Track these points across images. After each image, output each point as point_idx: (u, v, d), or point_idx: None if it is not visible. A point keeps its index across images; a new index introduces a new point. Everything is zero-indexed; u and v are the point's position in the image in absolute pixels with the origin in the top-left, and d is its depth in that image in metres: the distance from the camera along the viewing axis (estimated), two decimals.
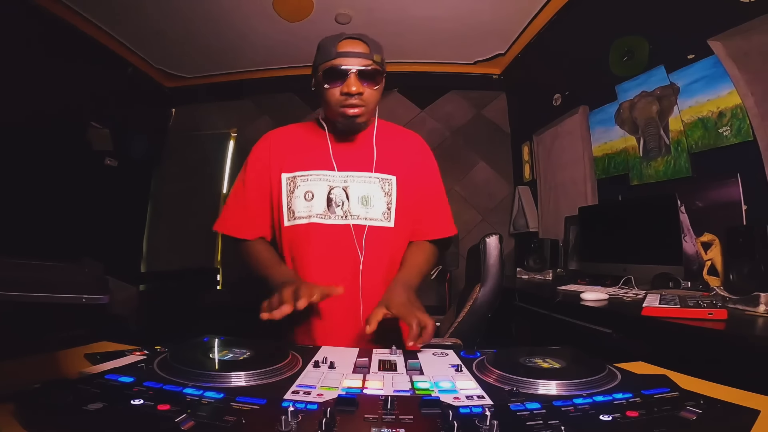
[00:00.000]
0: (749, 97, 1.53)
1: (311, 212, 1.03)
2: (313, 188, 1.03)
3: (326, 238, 1.02)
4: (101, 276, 0.54)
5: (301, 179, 1.04)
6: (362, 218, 1.03)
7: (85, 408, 0.45)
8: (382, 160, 1.06)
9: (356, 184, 1.04)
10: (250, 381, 0.58)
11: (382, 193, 1.04)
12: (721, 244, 1.52)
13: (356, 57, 0.95)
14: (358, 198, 1.03)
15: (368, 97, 0.98)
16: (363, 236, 1.03)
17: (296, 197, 1.04)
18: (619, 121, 2.23)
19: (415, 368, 0.67)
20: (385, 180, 1.05)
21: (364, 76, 0.96)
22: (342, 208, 1.03)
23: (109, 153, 3.04)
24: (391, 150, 1.09)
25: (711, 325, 1.05)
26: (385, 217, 1.04)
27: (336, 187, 1.03)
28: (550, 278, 2.47)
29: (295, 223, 1.04)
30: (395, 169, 1.07)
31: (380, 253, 1.04)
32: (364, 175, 1.04)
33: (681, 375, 0.65)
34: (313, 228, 1.02)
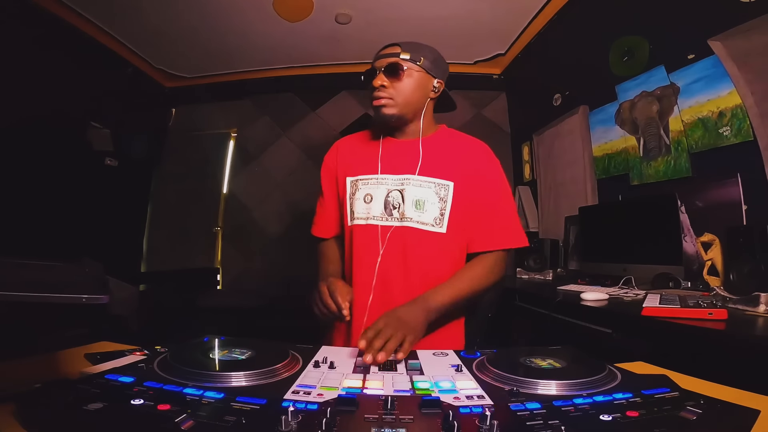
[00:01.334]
0: (749, 97, 1.53)
1: (369, 214, 1.08)
2: (372, 191, 1.08)
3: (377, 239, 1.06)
4: (101, 276, 0.54)
5: (362, 182, 1.11)
6: (415, 221, 1.05)
7: (85, 408, 0.45)
8: (438, 165, 1.07)
9: (412, 188, 1.05)
10: (250, 381, 0.58)
11: (436, 198, 1.05)
12: (721, 244, 1.52)
13: (384, 57, 1.05)
14: (413, 201, 1.05)
15: (394, 91, 1.04)
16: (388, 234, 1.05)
17: (357, 199, 1.10)
18: (619, 121, 2.23)
19: (415, 368, 0.67)
20: (441, 185, 1.06)
21: (389, 71, 1.03)
22: (398, 210, 1.06)
23: (109, 153, 3.04)
24: (452, 156, 1.10)
25: (711, 325, 1.05)
26: (436, 222, 1.05)
27: (394, 189, 1.07)
28: (550, 278, 2.47)
29: (355, 223, 1.10)
30: (454, 175, 1.07)
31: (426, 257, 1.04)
32: (419, 178, 1.06)
33: (681, 375, 0.65)
34: (369, 228, 1.07)
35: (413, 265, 1.04)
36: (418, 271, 1.04)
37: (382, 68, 1.04)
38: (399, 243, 1.04)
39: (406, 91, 1.05)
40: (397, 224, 1.05)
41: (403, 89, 1.04)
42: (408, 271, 1.04)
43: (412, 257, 1.04)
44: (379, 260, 1.04)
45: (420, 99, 1.07)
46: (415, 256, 1.04)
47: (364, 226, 1.07)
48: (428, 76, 1.07)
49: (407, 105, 1.06)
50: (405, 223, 1.04)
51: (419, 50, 1.06)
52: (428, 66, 1.06)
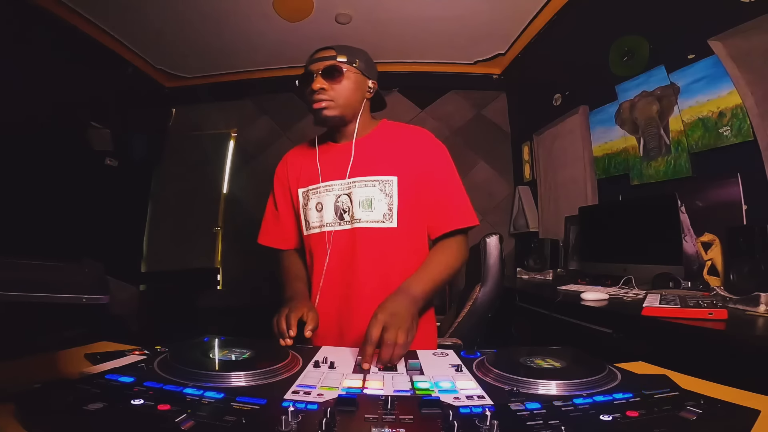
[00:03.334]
0: (749, 97, 1.53)
1: (322, 221, 1.10)
2: (322, 199, 1.10)
3: (334, 244, 1.07)
4: (101, 276, 0.54)
5: (312, 192, 1.12)
6: (364, 221, 1.05)
7: (85, 408, 0.45)
8: (380, 162, 1.08)
9: (357, 189, 1.07)
10: (250, 381, 0.58)
11: (382, 194, 1.06)
12: (721, 244, 1.52)
13: (320, 60, 1.06)
14: (360, 202, 1.06)
15: (334, 93, 1.05)
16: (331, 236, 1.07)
17: (310, 209, 1.12)
18: (619, 121, 2.23)
19: (415, 368, 0.67)
20: (385, 181, 1.06)
21: (326, 74, 1.04)
22: (348, 213, 1.07)
23: (109, 153, 3.04)
24: (392, 149, 1.10)
25: (711, 325, 1.05)
26: (386, 218, 1.06)
27: (342, 194, 1.08)
28: (550, 278, 2.47)
29: (311, 232, 1.12)
30: (396, 168, 1.07)
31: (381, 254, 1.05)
32: (364, 179, 1.07)
33: (681, 375, 0.65)
34: (324, 236, 1.09)
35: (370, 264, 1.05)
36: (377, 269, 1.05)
37: (320, 71, 1.04)
38: (351, 245, 1.06)
39: (346, 92, 1.06)
40: (348, 227, 1.07)
41: (342, 91, 1.06)
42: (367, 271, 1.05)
43: (367, 257, 1.05)
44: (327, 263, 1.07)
45: (358, 99, 1.09)
46: (370, 255, 1.05)
47: (319, 234, 1.10)
48: (363, 77, 1.09)
49: (347, 106, 1.08)
50: (356, 225, 1.06)
51: (353, 53, 1.08)
52: (363, 67, 1.08)
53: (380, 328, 0.76)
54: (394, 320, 0.78)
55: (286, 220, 1.20)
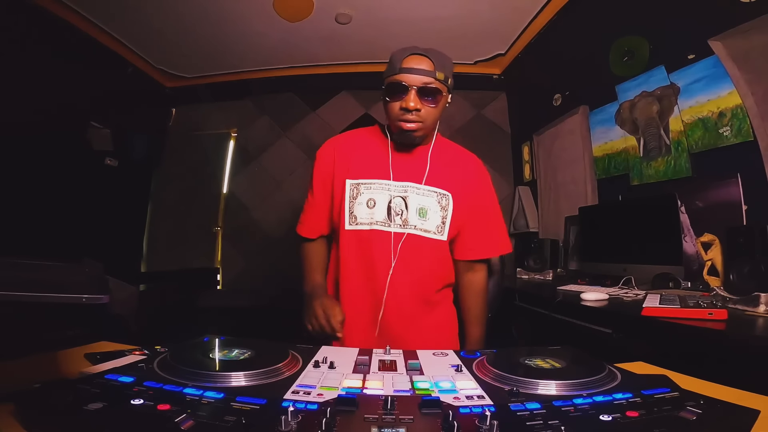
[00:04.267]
0: (749, 97, 1.53)
1: (372, 219, 1.07)
2: (375, 196, 1.08)
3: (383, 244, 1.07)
4: (101, 276, 0.54)
5: (365, 187, 1.09)
6: (419, 229, 1.07)
7: (85, 408, 0.45)
8: (438, 176, 1.09)
9: (414, 196, 1.07)
10: (250, 381, 0.58)
11: (438, 206, 1.08)
12: (721, 244, 1.52)
13: (418, 74, 0.98)
14: (417, 209, 1.06)
15: (426, 114, 1.01)
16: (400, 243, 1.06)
17: (359, 204, 1.08)
18: (619, 121, 2.23)
19: (415, 368, 0.67)
20: (442, 195, 1.08)
21: (423, 93, 0.98)
22: (401, 217, 1.06)
23: (109, 153, 3.04)
24: (448, 167, 1.12)
25: (711, 325, 1.05)
26: (438, 230, 1.08)
27: (396, 196, 1.07)
28: (550, 278, 2.47)
29: (356, 228, 1.08)
30: (452, 186, 1.10)
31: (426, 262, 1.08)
32: (422, 187, 1.08)
33: (681, 375, 0.65)
34: (374, 234, 1.07)
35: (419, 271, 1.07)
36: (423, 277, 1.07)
37: (416, 87, 0.98)
38: (406, 250, 1.06)
39: (437, 114, 1.04)
40: (399, 230, 1.06)
41: (434, 113, 1.03)
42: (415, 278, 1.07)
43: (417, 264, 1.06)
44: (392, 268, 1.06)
45: (439, 118, 1.07)
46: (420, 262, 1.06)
47: (368, 232, 1.07)
48: (449, 94, 1.06)
49: (432, 127, 1.07)
50: (408, 230, 1.05)
51: (447, 66, 1.02)
52: (451, 84, 1.04)
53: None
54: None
55: (322, 207, 1.17)
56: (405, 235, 1.05)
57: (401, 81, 0.98)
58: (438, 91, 0.99)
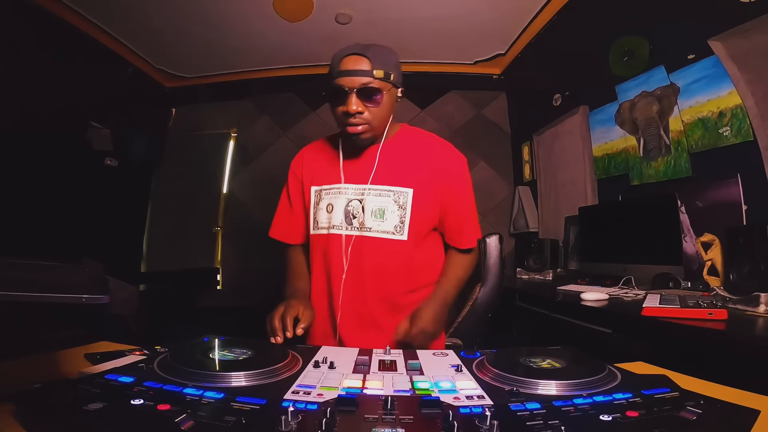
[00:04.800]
0: (749, 97, 1.53)
1: (330, 223, 1.08)
2: (334, 201, 1.08)
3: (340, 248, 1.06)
4: (101, 276, 0.54)
5: (325, 192, 1.11)
6: (375, 230, 1.05)
7: (85, 408, 0.45)
8: (395, 173, 1.06)
9: (371, 197, 1.05)
10: (250, 381, 0.58)
11: (396, 206, 1.05)
12: (721, 244, 1.52)
13: (355, 75, 0.95)
14: (372, 211, 1.05)
15: (370, 116, 0.98)
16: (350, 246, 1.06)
17: (320, 209, 1.10)
18: (619, 121, 2.23)
19: (415, 368, 0.67)
20: (400, 193, 1.05)
21: (364, 94, 0.96)
22: (358, 220, 1.06)
23: (109, 153, 3.04)
24: (412, 160, 1.08)
25: (711, 325, 1.05)
26: (397, 230, 1.05)
27: (353, 199, 1.06)
28: (550, 278, 2.47)
29: (318, 232, 1.11)
30: (414, 180, 1.05)
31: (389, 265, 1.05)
32: (378, 188, 1.05)
33: (681, 375, 0.65)
34: (331, 238, 1.07)
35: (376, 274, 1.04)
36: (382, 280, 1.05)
37: (355, 90, 0.95)
38: (358, 253, 1.04)
39: (383, 113, 1.01)
40: (356, 233, 1.05)
41: (379, 113, 0.99)
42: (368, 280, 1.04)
43: (373, 266, 1.04)
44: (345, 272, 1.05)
45: (390, 114, 1.05)
46: (375, 265, 1.04)
47: (326, 236, 1.08)
48: (395, 88, 1.02)
49: (382, 126, 1.04)
50: (364, 233, 1.04)
51: (388, 62, 0.98)
52: (396, 79, 1.01)
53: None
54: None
55: (297, 214, 1.19)
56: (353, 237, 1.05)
57: (341, 85, 0.96)
58: (378, 91, 0.96)
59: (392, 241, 1.04)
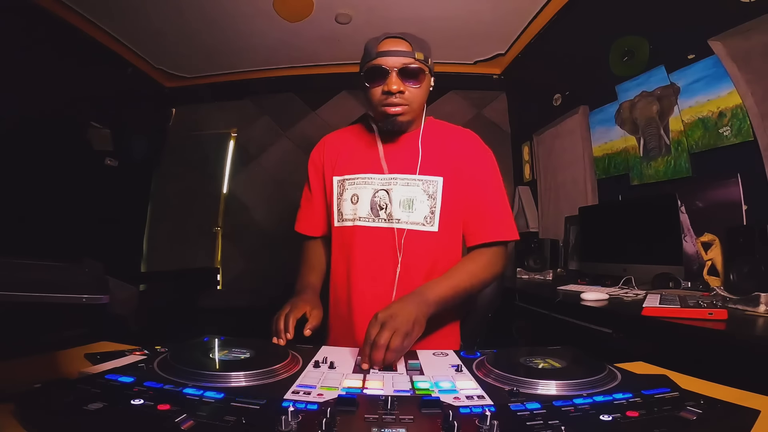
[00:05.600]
0: (749, 97, 1.53)
1: (356, 215, 1.04)
2: (359, 191, 1.04)
3: (369, 241, 1.02)
4: (101, 276, 0.54)
5: (349, 182, 1.06)
6: (404, 222, 1.01)
7: (85, 408, 0.45)
8: (428, 161, 1.03)
9: (399, 187, 1.01)
10: (250, 381, 0.58)
11: (425, 196, 1.01)
12: (721, 244, 1.52)
13: (397, 56, 0.94)
14: (400, 201, 1.01)
15: (411, 96, 0.96)
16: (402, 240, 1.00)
17: (344, 200, 1.06)
18: (619, 121, 2.23)
19: (415, 368, 0.67)
20: (430, 182, 1.02)
21: (405, 74, 0.94)
22: (385, 211, 1.02)
23: (109, 153, 3.04)
24: (439, 149, 1.05)
25: (711, 325, 1.05)
26: (427, 221, 1.01)
27: (380, 190, 1.03)
28: (550, 278, 2.47)
29: (343, 224, 1.06)
30: (443, 169, 1.03)
31: (420, 258, 1.01)
32: (407, 177, 1.02)
33: (681, 375, 0.65)
34: (357, 230, 1.03)
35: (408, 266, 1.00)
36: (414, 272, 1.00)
37: (397, 69, 0.93)
38: (385, 245, 1.01)
39: (422, 95, 0.99)
40: (384, 225, 1.01)
41: (419, 95, 0.98)
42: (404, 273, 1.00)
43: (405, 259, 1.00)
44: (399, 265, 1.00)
45: (425, 100, 1.02)
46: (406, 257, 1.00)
47: (351, 228, 1.04)
48: (431, 76, 1.01)
49: (419, 109, 1.02)
50: (392, 225, 1.01)
51: (423, 47, 0.98)
52: (431, 66, 1.00)
53: (377, 328, 0.72)
54: (392, 322, 0.74)
55: (317, 206, 1.15)
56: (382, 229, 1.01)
57: (380, 65, 0.94)
58: (420, 71, 0.95)
59: (423, 232, 1.01)
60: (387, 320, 0.75)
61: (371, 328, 0.73)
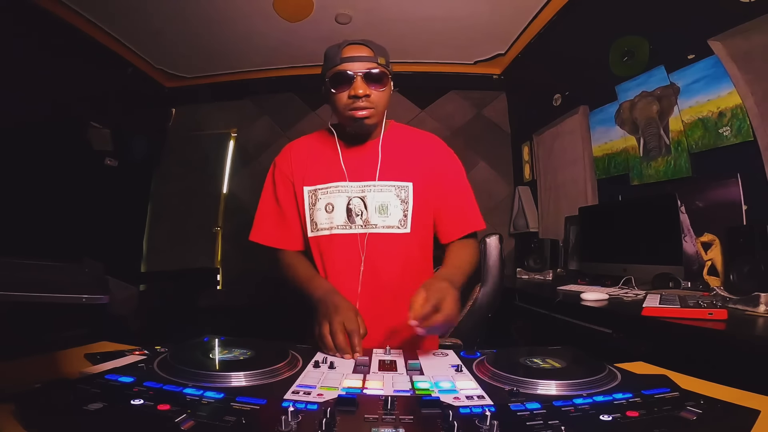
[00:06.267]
0: (749, 97, 1.53)
1: (332, 224, 1.05)
2: (333, 200, 1.06)
3: (345, 248, 1.05)
4: (101, 276, 0.54)
5: (322, 192, 1.07)
6: (380, 226, 1.04)
7: (85, 408, 0.45)
8: (395, 167, 1.07)
9: (373, 194, 1.05)
10: (250, 381, 0.58)
11: (398, 200, 1.05)
12: (721, 244, 1.52)
13: (361, 61, 0.97)
14: (376, 207, 1.04)
15: (376, 99, 0.99)
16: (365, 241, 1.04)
17: (318, 209, 1.07)
18: (619, 121, 2.23)
19: (415, 368, 0.67)
20: (401, 187, 1.06)
21: (370, 78, 0.97)
22: (361, 217, 1.05)
23: (109, 153, 3.04)
24: (407, 155, 1.09)
25: (711, 325, 1.05)
26: (401, 224, 1.05)
27: (354, 197, 1.05)
28: (550, 278, 2.47)
29: (318, 234, 1.07)
30: (412, 175, 1.07)
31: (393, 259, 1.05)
32: (380, 184, 1.05)
33: (681, 375, 0.65)
34: (335, 239, 1.05)
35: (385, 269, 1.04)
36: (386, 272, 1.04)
37: (362, 74, 0.96)
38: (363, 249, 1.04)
39: (385, 99, 1.02)
40: (361, 231, 1.04)
41: (383, 98, 1.01)
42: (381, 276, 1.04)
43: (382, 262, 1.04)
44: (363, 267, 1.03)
45: (388, 104, 1.05)
46: (384, 260, 1.04)
47: (328, 237, 1.06)
48: (391, 81, 1.04)
49: (383, 113, 1.05)
50: (369, 230, 1.04)
51: (385, 53, 1.02)
52: (391, 70, 1.03)
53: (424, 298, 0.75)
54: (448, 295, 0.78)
55: (291, 219, 1.11)
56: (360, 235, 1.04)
57: (345, 70, 0.96)
58: (384, 75, 0.98)
59: (397, 235, 1.05)
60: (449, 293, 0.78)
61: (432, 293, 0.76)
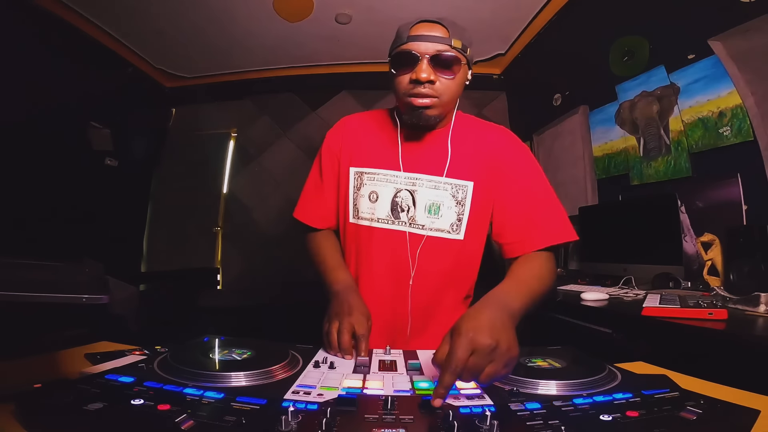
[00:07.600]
0: (749, 97, 1.53)
1: (374, 215, 0.94)
2: (379, 189, 0.94)
3: (386, 245, 0.93)
4: (101, 276, 0.54)
5: (368, 177, 0.95)
6: (427, 228, 0.91)
7: (85, 408, 0.45)
8: (457, 163, 0.92)
9: (424, 189, 0.92)
10: (250, 381, 0.58)
11: (453, 201, 0.92)
12: (721, 244, 1.52)
13: (430, 41, 0.83)
14: (426, 205, 0.91)
15: (442, 88, 0.84)
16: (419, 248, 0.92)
17: (361, 196, 0.95)
18: (619, 121, 2.23)
19: (415, 368, 0.67)
20: (459, 186, 0.92)
21: (437, 62, 0.82)
22: (407, 213, 0.92)
23: (109, 153, 3.04)
24: (470, 150, 0.94)
25: (711, 325, 1.05)
26: (453, 228, 0.92)
27: (402, 189, 0.93)
28: None
29: (358, 222, 0.96)
30: (473, 173, 0.92)
31: (438, 267, 0.93)
32: (434, 179, 0.92)
33: (681, 375, 0.65)
34: (374, 232, 0.94)
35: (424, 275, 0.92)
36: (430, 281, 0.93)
37: (428, 56, 0.82)
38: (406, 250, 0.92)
39: (454, 88, 0.86)
40: (404, 229, 0.92)
41: (451, 87, 0.85)
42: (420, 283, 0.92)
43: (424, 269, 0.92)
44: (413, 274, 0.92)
45: (459, 95, 0.89)
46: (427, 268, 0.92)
47: (368, 229, 0.94)
48: (468, 68, 0.89)
49: (451, 105, 0.89)
50: (414, 230, 0.91)
51: (465, 36, 0.86)
52: (471, 57, 0.88)
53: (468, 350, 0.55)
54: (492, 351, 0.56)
55: (329, 195, 1.01)
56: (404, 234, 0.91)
57: (410, 50, 0.83)
58: (455, 60, 0.82)
59: (448, 240, 0.92)
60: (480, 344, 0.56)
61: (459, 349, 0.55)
